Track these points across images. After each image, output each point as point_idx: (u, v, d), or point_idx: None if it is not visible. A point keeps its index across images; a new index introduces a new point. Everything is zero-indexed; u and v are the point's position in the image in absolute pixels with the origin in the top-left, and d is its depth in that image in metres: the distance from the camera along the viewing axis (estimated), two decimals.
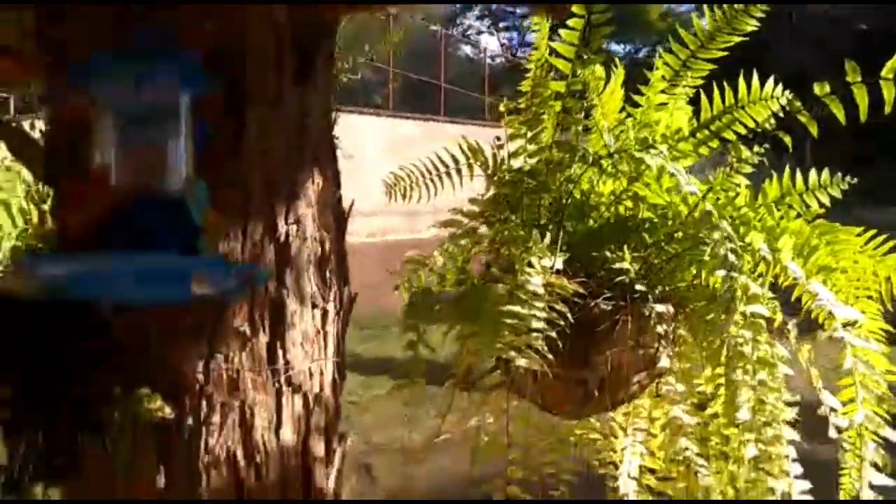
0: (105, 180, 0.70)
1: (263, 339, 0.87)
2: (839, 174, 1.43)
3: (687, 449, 1.31)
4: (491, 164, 1.59)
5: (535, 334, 1.29)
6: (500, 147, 1.60)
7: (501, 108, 1.63)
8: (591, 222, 1.56)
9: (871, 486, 1.25)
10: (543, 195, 1.54)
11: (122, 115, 0.72)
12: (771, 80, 1.33)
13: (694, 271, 1.45)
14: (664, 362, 1.42)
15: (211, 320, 0.86)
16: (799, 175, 1.43)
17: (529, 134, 1.56)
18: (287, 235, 0.86)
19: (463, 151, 1.60)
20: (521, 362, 1.27)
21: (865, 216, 1.67)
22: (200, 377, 0.85)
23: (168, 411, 0.83)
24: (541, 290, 1.34)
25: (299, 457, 0.89)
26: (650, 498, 1.59)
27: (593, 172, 1.51)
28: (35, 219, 1.25)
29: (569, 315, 1.32)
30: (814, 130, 1.36)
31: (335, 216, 0.97)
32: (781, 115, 1.33)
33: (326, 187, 0.92)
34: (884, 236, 1.39)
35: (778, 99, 1.33)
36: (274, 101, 0.84)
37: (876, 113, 1.27)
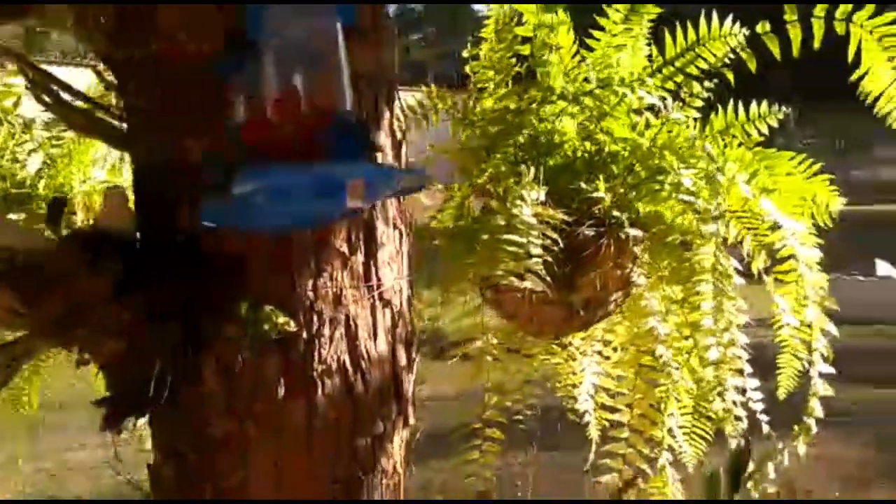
0: (292, 104, 0.74)
1: (360, 258, 0.95)
2: (776, 105, 1.63)
3: (662, 356, 1.48)
4: (461, 107, 1.68)
5: (534, 260, 1.41)
6: (470, 89, 1.69)
7: (465, 54, 1.71)
8: (559, 158, 1.69)
9: (821, 375, 1.47)
10: (517, 135, 1.66)
11: (290, 43, 0.76)
12: (730, 18, 1.51)
13: (660, 197, 1.60)
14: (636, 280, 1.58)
15: (316, 242, 0.92)
16: (741, 107, 1.62)
17: (498, 77, 1.67)
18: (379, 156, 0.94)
19: (430, 97, 1.68)
20: (527, 284, 1.39)
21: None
22: (311, 294, 0.91)
23: (293, 325, 0.89)
24: (533, 220, 1.46)
25: (391, 365, 0.98)
26: (606, 416, 1.75)
27: (558, 111, 1.64)
28: None
29: (560, 241, 1.45)
30: (752, 66, 1.56)
31: (394, 142, 1.04)
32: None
33: (391, 114, 1.00)
34: (811, 160, 1.61)
35: (736, 35, 1.50)
36: (374, 29, 0.91)
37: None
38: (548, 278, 1.43)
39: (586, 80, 1.64)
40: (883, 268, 7.84)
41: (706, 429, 1.77)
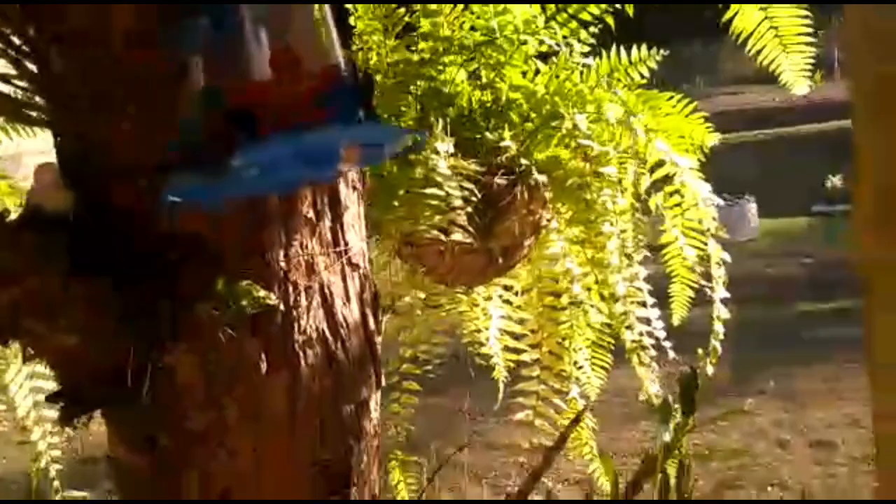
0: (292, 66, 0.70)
1: (327, 223, 0.92)
2: (655, 49, 1.71)
3: (573, 293, 1.54)
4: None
5: (457, 212, 1.42)
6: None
7: (349, 7, 1.67)
8: (454, 110, 1.70)
9: (722, 300, 1.58)
10: (415, 87, 1.65)
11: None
12: None
13: (555, 142, 1.65)
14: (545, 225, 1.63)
15: (283, 210, 0.88)
16: (623, 51, 1.69)
17: (389, 28, 1.65)
18: None
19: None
20: (456, 236, 1.40)
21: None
22: (283, 265, 0.88)
23: (274, 298, 0.85)
24: (448, 172, 1.47)
25: (363, 329, 0.96)
26: (512, 357, 1.81)
27: (460, 62, 1.64)
28: None
29: (476, 192, 1.47)
30: (631, 11, 1.63)
31: None
32: None
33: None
34: (688, 99, 1.71)
35: None
36: None
37: None
38: (471, 229, 1.44)
39: (473, 28, 1.65)
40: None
41: (606, 360, 1.86)
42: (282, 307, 0.87)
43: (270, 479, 0.87)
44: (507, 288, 1.80)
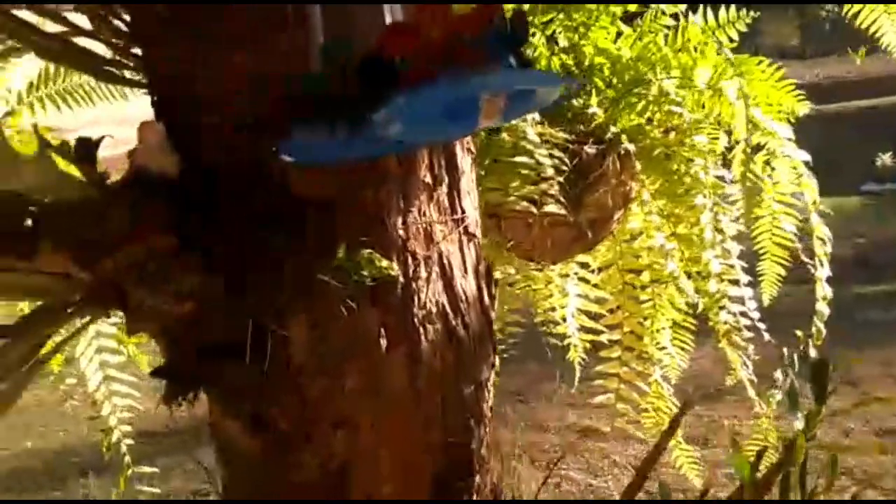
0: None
1: (444, 189, 0.84)
2: (744, 10, 1.61)
3: (674, 271, 1.45)
4: None
5: (549, 182, 1.34)
6: None
7: None
8: None
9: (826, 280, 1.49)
10: None
11: None
12: None
13: (640, 109, 1.56)
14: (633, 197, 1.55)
15: (401, 173, 0.81)
16: (710, 14, 1.60)
17: None
18: None
19: None
20: (550, 208, 1.32)
21: None
22: (402, 233, 0.80)
23: (397, 270, 0.78)
24: (537, 139, 1.39)
25: (480, 304, 0.89)
26: (588, 338, 1.74)
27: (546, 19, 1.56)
28: None
29: (567, 161, 1.39)
30: None
31: None
32: None
33: None
34: (777, 64, 1.61)
35: None
36: None
37: None
38: (563, 200, 1.36)
39: None
40: None
41: (688, 341, 1.78)
42: (401, 278, 0.80)
43: (389, 457, 0.81)
44: (583, 265, 1.72)
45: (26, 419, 3.72)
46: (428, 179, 0.82)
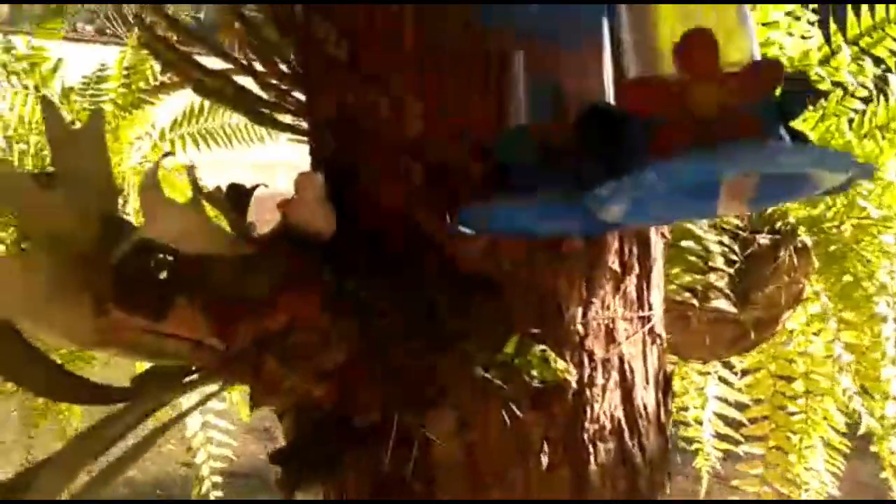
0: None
1: (633, 279, 0.71)
2: None
3: (848, 388, 1.28)
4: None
5: (718, 273, 1.20)
6: None
7: None
8: None
9: None
10: None
11: None
12: None
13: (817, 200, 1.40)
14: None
15: (587, 255, 0.68)
16: None
17: None
18: None
19: None
20: (717, 303, 1.17)
21: None
22: (580, 328, 0.67)
23: (573, 373, 0.65)
24: (707, 224, 1.25)
25: (658, 421, 0.74)
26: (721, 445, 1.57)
27: None
28: None
29: (737, 250, 1.24)
30: None
31: None
32: None
33: None
34: None
35: None
36: None
37: None
38: (730, 294, 1.21)
39: None
40: None
41: (839, 464, 1.59)
42: (573, 384, 0.66)
43: None
44: (725, 363, 1.55)
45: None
46: (616, 266, 0.69)
